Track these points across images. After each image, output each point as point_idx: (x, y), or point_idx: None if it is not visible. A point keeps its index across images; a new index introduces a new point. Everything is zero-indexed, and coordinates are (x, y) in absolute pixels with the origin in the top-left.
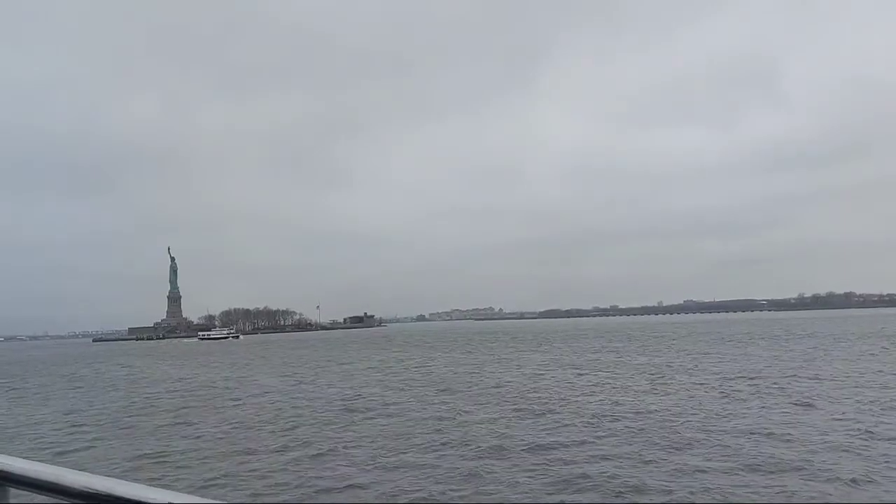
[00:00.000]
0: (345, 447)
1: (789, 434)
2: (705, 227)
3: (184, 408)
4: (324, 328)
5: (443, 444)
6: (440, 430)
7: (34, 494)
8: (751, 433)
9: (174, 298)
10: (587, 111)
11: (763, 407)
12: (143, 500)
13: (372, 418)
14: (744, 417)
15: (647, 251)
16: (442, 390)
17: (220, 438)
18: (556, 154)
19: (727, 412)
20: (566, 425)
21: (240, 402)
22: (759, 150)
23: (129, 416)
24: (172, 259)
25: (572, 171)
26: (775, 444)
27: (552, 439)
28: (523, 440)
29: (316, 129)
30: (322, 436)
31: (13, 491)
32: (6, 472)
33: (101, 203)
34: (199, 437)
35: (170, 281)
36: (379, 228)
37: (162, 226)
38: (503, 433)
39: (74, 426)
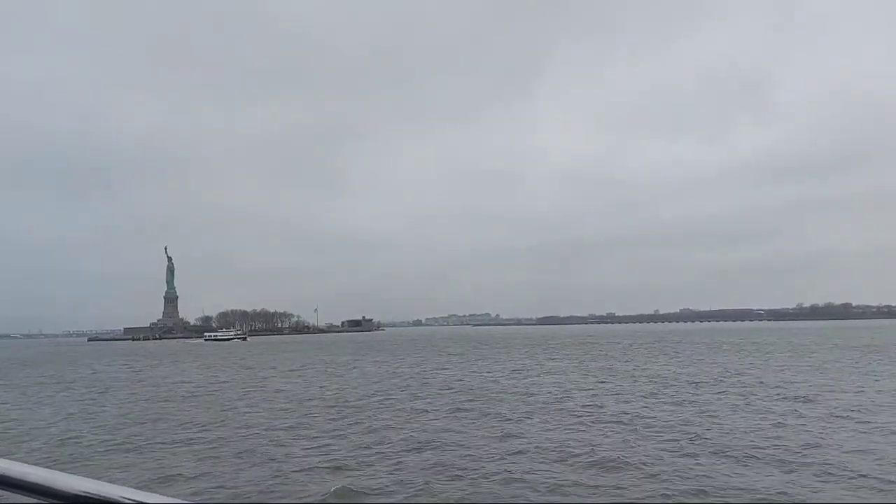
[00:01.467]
0: None
1: None
2: (703, 235)
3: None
4: (321, 331)
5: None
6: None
7: (25, 497)
8: None
9: (171, 299)
10: (585, 120)
11: None
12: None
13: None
14: None
15: (645, 259)
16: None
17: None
18: (554, 162)
19: None
20: None
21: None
22: (756, 159)
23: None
24: (169, 259)
25: (570, 179)
26: None
27: None
28: None
29: (315, 133)
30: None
31: (3, 493)
32: None
33: (100, 203)
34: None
35: (167, 281)
36: (377, 233)
37: (160, 226)
38: None
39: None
